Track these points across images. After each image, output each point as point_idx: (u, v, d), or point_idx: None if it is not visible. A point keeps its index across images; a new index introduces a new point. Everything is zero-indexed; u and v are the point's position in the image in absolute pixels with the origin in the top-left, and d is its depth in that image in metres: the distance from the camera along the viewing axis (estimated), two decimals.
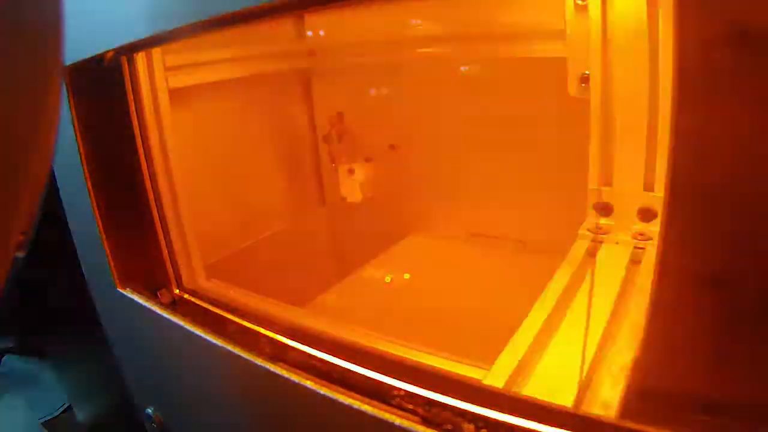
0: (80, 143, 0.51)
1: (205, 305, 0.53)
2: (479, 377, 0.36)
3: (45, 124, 0.18)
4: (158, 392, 0.58)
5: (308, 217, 1.06)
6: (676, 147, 0.25)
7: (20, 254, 0.18)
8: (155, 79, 0.53)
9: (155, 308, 0.50)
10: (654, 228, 0.53)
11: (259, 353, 0.41)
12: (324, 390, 0.35)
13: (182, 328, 0.47)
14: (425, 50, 0.85)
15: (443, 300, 0.75)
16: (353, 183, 0.93)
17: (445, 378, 0.37)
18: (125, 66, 0.51)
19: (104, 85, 0.51)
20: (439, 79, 0.87)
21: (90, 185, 0.52)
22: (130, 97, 0.52)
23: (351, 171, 0.93)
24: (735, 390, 0.27)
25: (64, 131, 0.51)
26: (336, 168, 0.95)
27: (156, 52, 0.53)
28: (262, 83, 0.92)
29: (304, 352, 0.42)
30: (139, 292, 0.53)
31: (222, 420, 0.49)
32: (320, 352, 0.41)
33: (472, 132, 0.85)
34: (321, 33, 0.96)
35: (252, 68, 0.87)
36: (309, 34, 0.96)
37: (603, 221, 0.57)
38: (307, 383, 0.36)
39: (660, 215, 0.52)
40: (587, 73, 0.61)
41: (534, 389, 0.35)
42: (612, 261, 0.51)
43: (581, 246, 0.56)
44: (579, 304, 0.45)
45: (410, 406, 0.33)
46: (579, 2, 0.60)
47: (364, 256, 0.92)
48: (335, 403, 0.35)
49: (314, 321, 0.49)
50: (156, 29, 0.39)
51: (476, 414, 0.31)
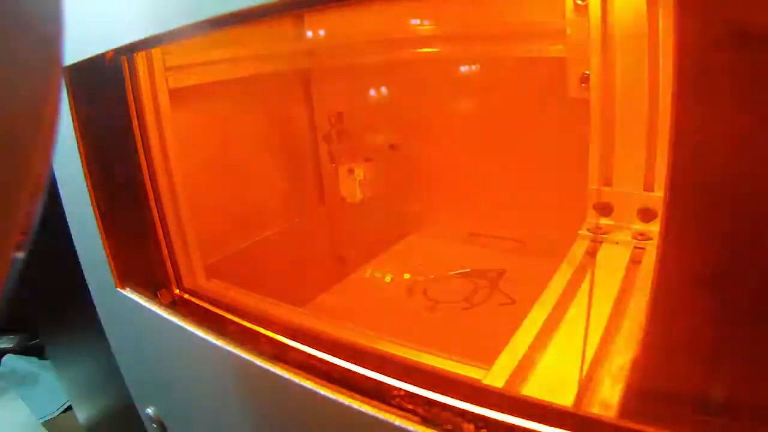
0: (80, 143, 0.51)
1: (205, 305, 0.53)
2: (479, 377, 0.36)
3: (45, 124, 0.18)
4: (158, 392, 0.58)
5: (308, 217, 1.05)
6: (676, 147, 0.25)
7: (20, 254, 0.18)
8: (155, 79, 0.53)
9: (155, 308, 0.50)
10: (654, 228, 0.53)
11: (259, 353, 0.41)
12: (324, 390, 0.35)
13: (182, 328, 0.47)
14: (425, 50, 0.85)
15: (443, 300, 0.75)
16: (353, 183, 0.92)
17: (445, 378, 0.37)
18: (125, 66, 0.51)
19: (104, 85, 0.51)
20: (439, 79, 0.87)
21: (90, 185, 0.52)
22: (130, 97, 0.52)
23: (351, 171, 0.92)
24: (735, 390, 0.27)
25: (64, 131, 0.51)
26: (336, 168, 0.95)
27: (156, 52, 0.53)
28: (262, 83, 0.92)
29: (304, 352, 0.42)
30: (139, 292, 0.53)
31: (222, 420, 0.49)
32: (320, 352, 0.41)
33: (472, 132, 0.85)
34: (321, 33, 0.96)
35: (252, 68, 0.87)
36: (309, 34, 0.96)
37: (603, 221, 0.57)
38: (307, 383, 0.36)
39: (660, 215, 0.52)
40: (587, 73, 0.61)
41: (534, 389, 0.35)
42: (612, 261, 0.51)
43: (581, 246, 0.56)
44: (579, 304, 0.45)
45: (410, 406, 0.33)
46: (579, 2, 0.60)
47: (364, 256, 0.92)
48: (335, 403, 0.35)
49: (314, 321, 0.49)
50: (156, 29, 0.39)
51: (476, 414, 0.31)
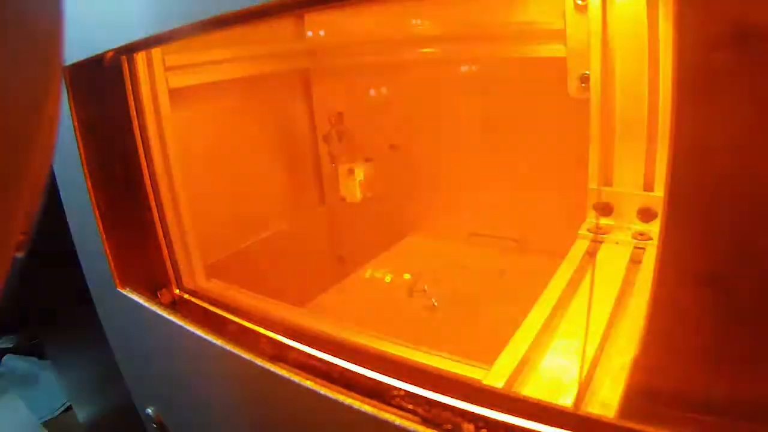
0: (80, 143, 0.51)
1: (205, 305, 0.53)
2: (479, 377, 0.36)
3: (45, 124, 0.18)
4: (158, 392, 0.58)
5: (308, 217, 1.05)
6: (676, 147, 0.25)
7: (20, 254, 0.18)
8: (155, 79, 0.53)
9: (155, 308, 0.50)
10: (654, 228, 0.53)
11: (259, 353, 0.41)
12: (324, 390, 0.35)
13: (182, 328, 0.47)
14: (425, 50, 0.85)
15: (443, 300, 0.75)
16: (353, 183, 0.92)
17: (445, 378, 0.37)
18: (125, 66, 0.51)
19: (104, 85, 0.51)
20: (439, 79, 0.87)
21: (90, 185, 0.52)
22: (130, 97, 0.52)
23: (351, 171, 0.92)
24: (735, 389, 0.27)
25: (64, 131, 0.51)
26: (336, 168, 0.95)
27: (156, 52, 0.53)
28: (262, 83, 0.92)
29: (304, 352, 0.42)
30: (139, 292, 0.53)
31: (222, 420, 0.49)
32: (320, 352, 0.41)
33: (473, 132, 0.85)
34: (321, 33, 0.96)
35: (252, 68, 0.87)
36: (309, 34, 0.96)
37: (603, 221, 0.57)
38: (307, 383, 0.36)
39: (660, 215, 0.52)
40: (587, 73, 0.61)
41: (534, 389, 0.35)
42: (612, 261, 0.51)
43: (581, 246, 0.56)
44: (579, 304, 0.45)
45: (410, 406, 0.33)
46: (579, 2, 0.60)
47: (364, 256, 0.92)
48: (335, 403, 0.35)
49: (314, 321, 0.49)
50: (156, 29, 0.39)
51: (476, 414, 0.31)
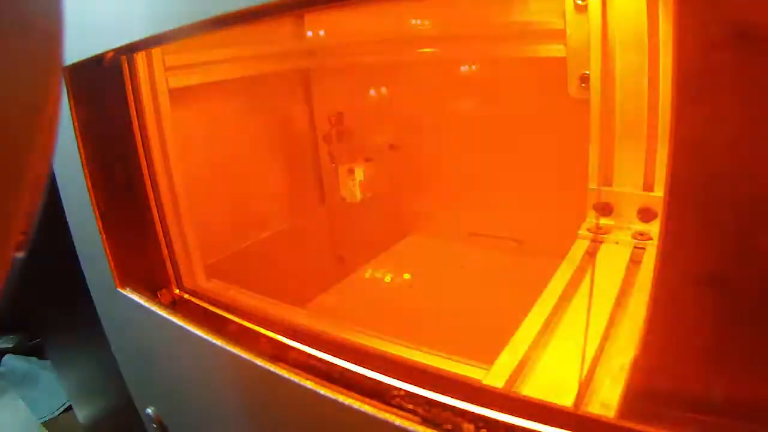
0: (80, 143, 0.51)
1: (205, 305, 0.53)
2: (479, 377, 0.36)
3: (45, 124, 0.18)
4: (158, 392, 0.58)
5: (308, 217, 1.05)
6: (676, 147, 0.25)
7: (20, 254, 0.18)
8: (155, 79, 0.53)
9: (155, 308, 0.50)
10: (654, 228, 0.53)
11: (259, 353, 0.41)
12: (324, 390, 0.35)
13: (182, 328, 0.47)
14: (425, 50, 0.85)
15: (443, 300, 0.75)
16: (353, 183, 0.92)
17: (445, 378, 0.37)
18: (125, 66, 0.51)
19: (104, 85, 0.51)
20: (439, 79, 0.87)
21: (90, 185, 0.52)
22: (130, 97, 0.52)
23: (351, 171, 0.92)
24: (735, 389, 0.27)
25: (64, 131, 0.51)
26: (336, 168, 0.95)
27: (156, 52, 0.53)
28: (262, 83, 0.92)
29: (304, 352, 0.42)
30: (139, 292, 0.53)
31: (222, 420, 0.49)
32: (320, 352, 0.41)
33: (472, 132, 0.85)
34: (321, 33, 0.96)
35: (252, 68, 0.87)
36: (309, 34, 0.96)
37: (603, 221, 0.57)
38: (307, 383, 0.36)
39: (660, 215, 0.52)
40: (587, 73, 0.61)
41: (534, 389, 0.35)
42: (612, 261, 0.51)
43: (581, 246, 0.56)
44: (579, 304, 0.45)
45: (410, 406, 0.33)
46: (579, 2, 0.60)
47: (364, 256, 0.92)
48: (335, 403, 0.35)
49: (314, 321, 0.49)
50: (156, 29, 0.39)
51: (476, 414, 0.31)
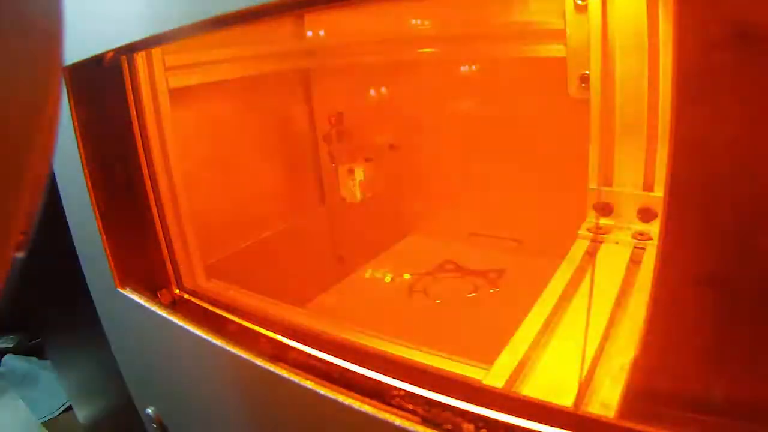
0: (80, 143, 0.51)
1: (205, 305, 0.53)
2: (479, 377, 0.36)
3: (45, 124, 0.18)
4: (158, 392, 0.58)
5: (308, 217, 1.05)
6: (676, 147, 0.25)
7: (20, 254, 0.18)
8: (155, 79, 0.53)
9: (155, 308, 0.50)
10: (654, 228, 0.53)
11: (259, 353, 0.41)
12: (324, 390, 0.35)
13: (182, 328, 0.47)
14: (425, 50, 0.85)
15: (443, 300, 0.75)
16: (353, 183, 0.92)
17: (445, 378, 0.37)
18: (125, 66, 0.51)
19: (104, 85, 0.51)
20: (439, 79, 0.87)
21: (90, 185, 0.52)
22: (130, 97, 0.52)
23: (351, 171, 0.92)
24: (735, 389, 0.27)
25: (64, 131, 0.51)
26: (336, 168, 0.95)
27: (156, 52, 0.53)
28: (262, 83, 0.92)
29: (304, 352, 0.42)
30: (139, 292, 0.53)
31: (222, 420, 0.49)
32: (320, 352, 0.41)
33: (472, 132, 0.85)
34: (321, 33, 0.96)
35: (252, 68, 0.87)
36: (309, 34, 0.96)
37: (603, 221, 0.57)
38: (307, 383, 0.36)
39: (660, 215, 0.52)
40: (587, 73, 0.61)
41: (534, 389, 0.35)
42: (612, 261, 0.51)
43: (581, 246, 0.56)
44: (579, 304, 0.45)
45: (410, 406, 0.33)
46: (579, 2, 0.60)
47: (364, 256, 0.92)
48: (335, 403, 0.35)
49: (314, 321, 0.49)
50: (156, 29, 0.39)
51: (476, 414, 0.31)
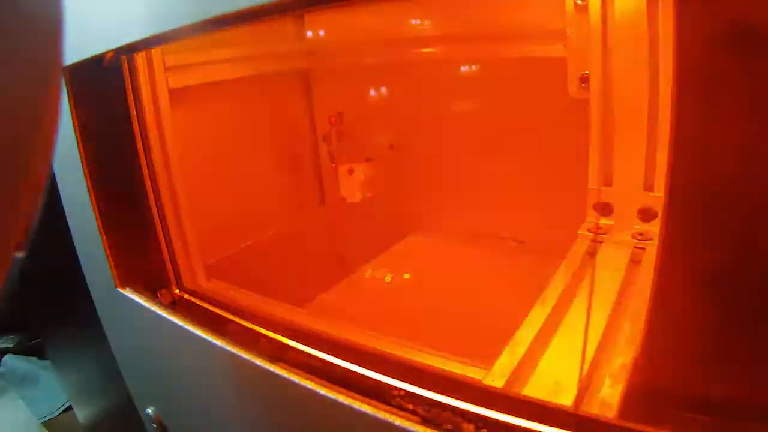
0: (80, 143, 0.51)
1: (205, 305, 0.53)
2: (479, 377, 0.36)
3: (45, 124, 0.18)
4: (158, 392, 0.58)
5: (308, 217, 1.06)
6: (676, 147, 0.25)
7: (20, 254, 0.18)
8: (155, 79, 0.53)
9: (155, 308, 0.50)
10: (654, 228, 0.53)
11: (259, 353, 0.41)
12: (324, 390, 0.35)
13: (182, 328, 0.47)
14: (425, 50, 0.85)
15: (443, 300, 0.75)
16: (353, 183, 0.92)
17: (445, 378, 0.37)
18: (125, 66, 0.51)
19: (104, 85, 0.51)
20: (439, 79, 0.87)
21: (90, 185, 0.52)
22: (130, 97, 0.52)
23: (351, 171, 0.92)
24: (735, 390, 0.27)
25: (64, 131, 0.51)
26: (336, 168, 0.95)
27: (156, 52, 0.53)
28: (262, 83, 0.92)
29: (304, 352, 0.42)
30: (139, 292, 0.53)
31: (222, 420, 0.49)
32: (320, 352, 0.41)
33: (472, 132, 0.85)
34: (321, 33, 0.96)
35: (252, 68, 0.87)
36: (309, 34, 0.96)
37: (603, 221, 0.57)
38: (307, 383, 0.36)
39: (660, 215, 0.52)
40: (587, 73, 0.61)
41: (534, 389, 0.35)
42: (612, 261, 0.51)
43: (581, 246, 0.56)
44: (579, 304, 0.45)
45: (410, 406, 0.33)
46: (579, 2, 0.60)
47: (364, 256, 0.92)
48: (335, 403, 0.35)
49: (314, 321, 0.49)
50: (156, 29, 0.39)
51: (476, 414, 0.31)
